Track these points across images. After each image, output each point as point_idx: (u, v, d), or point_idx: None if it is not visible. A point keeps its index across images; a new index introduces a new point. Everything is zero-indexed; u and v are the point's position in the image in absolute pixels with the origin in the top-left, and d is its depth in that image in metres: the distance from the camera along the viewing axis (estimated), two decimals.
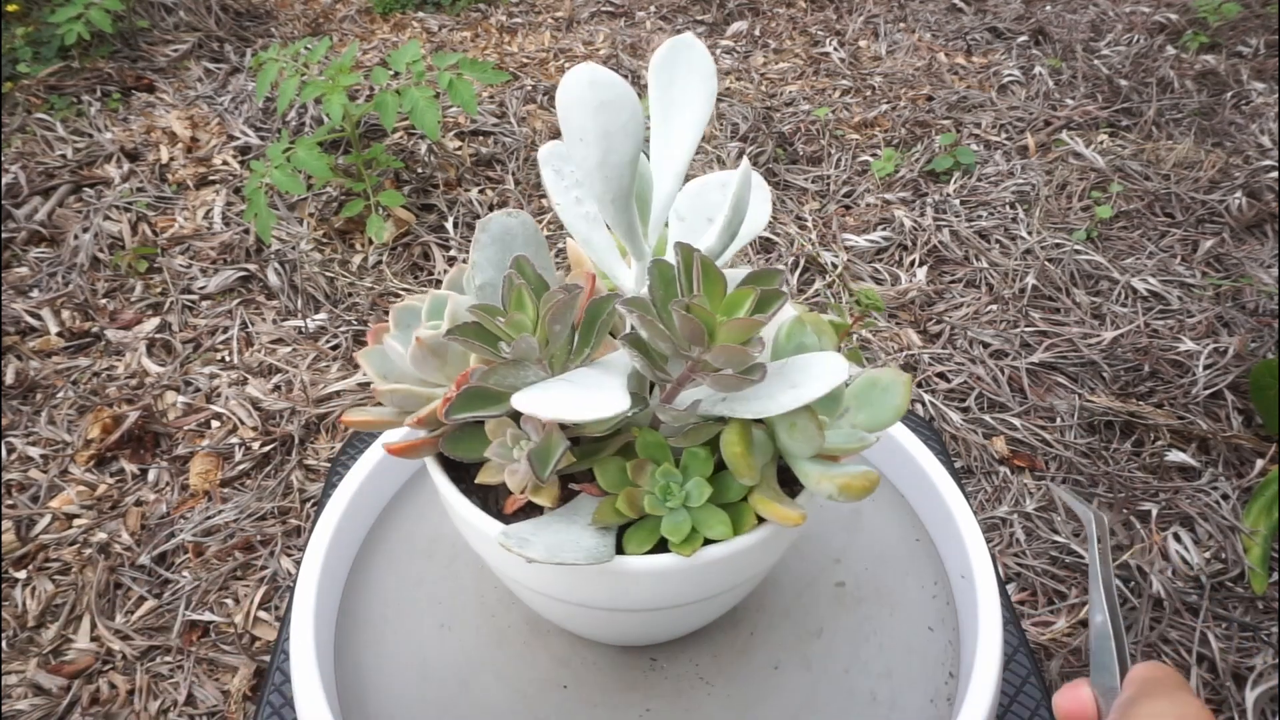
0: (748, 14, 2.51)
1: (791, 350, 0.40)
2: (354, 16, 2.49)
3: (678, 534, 0.39)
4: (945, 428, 1.33)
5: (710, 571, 0.41)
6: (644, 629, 0.49)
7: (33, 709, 1.01)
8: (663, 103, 0.39)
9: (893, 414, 0.40)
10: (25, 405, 1.36)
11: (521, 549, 0.37)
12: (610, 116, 0.35)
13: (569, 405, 0.34)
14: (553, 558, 0.37)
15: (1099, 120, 2.01)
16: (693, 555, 0.39)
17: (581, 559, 0.37)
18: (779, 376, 0.37)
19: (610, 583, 0.41)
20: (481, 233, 0.42)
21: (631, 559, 0.40)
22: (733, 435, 0.38)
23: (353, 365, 1.44)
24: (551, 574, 0.41)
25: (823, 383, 0.35)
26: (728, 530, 0.40)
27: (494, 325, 0.36)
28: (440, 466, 0.44)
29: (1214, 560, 1.17)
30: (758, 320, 0.34)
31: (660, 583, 0.41)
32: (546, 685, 0.50)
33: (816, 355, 0.37)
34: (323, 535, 0.54)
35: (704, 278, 0.34)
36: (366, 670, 0.51)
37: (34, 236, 1.65)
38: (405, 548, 0.58)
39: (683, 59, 0.39)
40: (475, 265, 0.42)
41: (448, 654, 0.52)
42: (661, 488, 0.40)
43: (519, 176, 1.84)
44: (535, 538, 0.38)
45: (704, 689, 0.50)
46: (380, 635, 0.53)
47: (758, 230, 0.45)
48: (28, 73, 2.03)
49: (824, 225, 1.73)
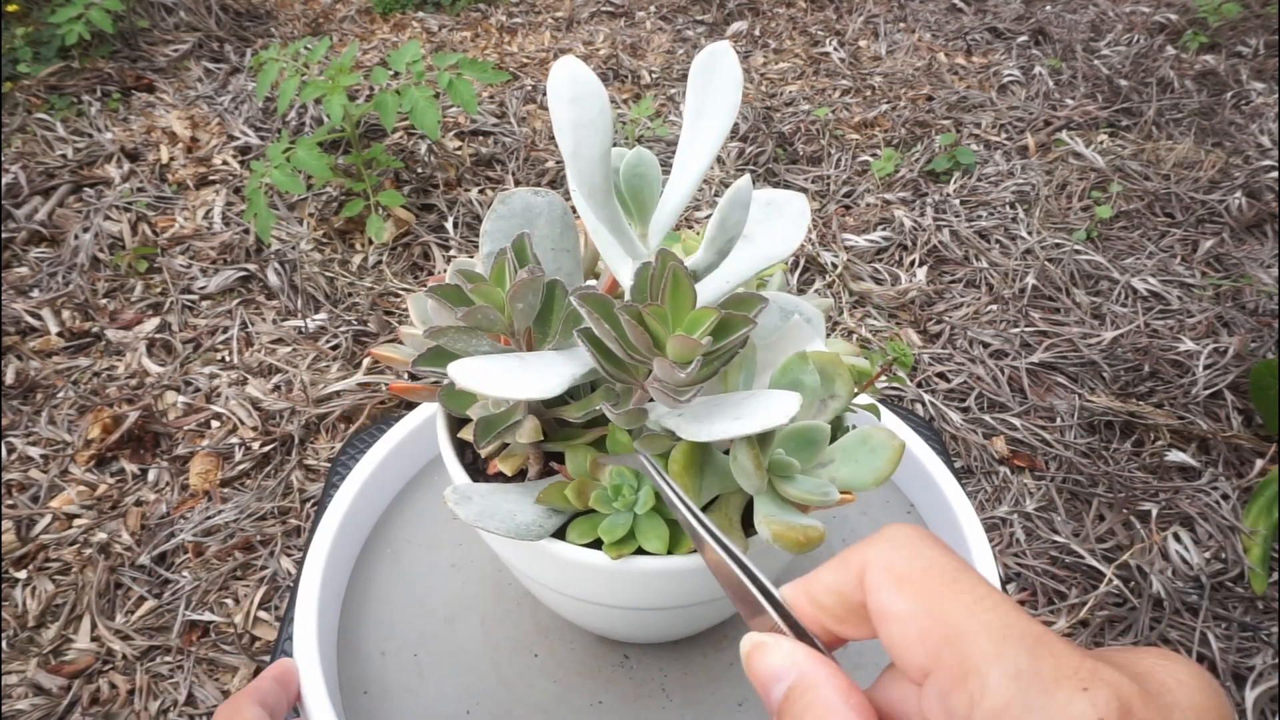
0: (748, 14, 2.51)
1: (785, 385, 0.39)
2: (354, 16, 2.49)
3: (611, 535, 0.39)
4: (945, 428, 1.33)
5: (639, 581, 0.40)
6: (589, 618, 0.48)
7: (33, 709, 1.01)
8: (696, 106, 0.39)
9: (874, 477, 0.38)
10: (25, 405, 1.36)
11: (456, 505, 0.38)
12: (580, 110, 0.35)
13: (487, 380, 0.34)
14: (478, 522, 0.37)
15: (1099, 120, 2.02)
16: (619, 560, 0.39)
17: (504, 531, 0.38)
18: (731, 405, 0.36)
19: (539, 562, 0.42)
20: (500, 204, 0.43)
21: (556, 544, 0.40)
22: (678, 452, 0.37)
23: (353, 365, 1.44)
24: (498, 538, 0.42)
25: (762, 419, 0.33)
26: (661, 546, 0.39)
27: (466, 290, 0.37)
28: (445, 423, 0.45)
29: (1214, 560, 1.17)
30: (700, 343, 0.33)
31: (584, 576, 0.41)
32: (520, 648, 0.52)
33: (776, 393, 0.36)
34: (325, 535, 0.54)
35: (672, 288, 0.34)
36: (368, 669, 0.51)
37: (34, 236, 1.65)
38: (408, 547, 0.58)
39: (719, 65, 0.39)
40: (486, 234, 0.43)
41: (451, 651, 0.52)
42: (613, 487, 0.40)
43: (519, 176, 1.83)
44: (479, 499, 0.39)
45: (661, 700, 0.50)
46: (382, 634, 0.53)
47: (785, 253, 0.43)
48: (28, 73, 2.03)
49: (824, 225, 1.73)
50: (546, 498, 0.41)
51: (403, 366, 0.46)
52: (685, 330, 0.34)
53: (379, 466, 0.58)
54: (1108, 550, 1.19)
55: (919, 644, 0.23)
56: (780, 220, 0.44)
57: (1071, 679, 0.21)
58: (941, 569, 0.24)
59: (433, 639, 0.53)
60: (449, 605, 0.54)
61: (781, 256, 0.43)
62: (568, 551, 0.40)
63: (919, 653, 0.23)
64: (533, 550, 0.40)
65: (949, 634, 0.22)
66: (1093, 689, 0.20)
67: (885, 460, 0.38)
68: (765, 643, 0.26)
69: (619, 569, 0.39)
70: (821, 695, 0.24)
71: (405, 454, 0.60)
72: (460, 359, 0.35)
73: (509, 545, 0.42)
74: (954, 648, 0.22)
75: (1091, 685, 0.20)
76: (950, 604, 0.22)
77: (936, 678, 0.22)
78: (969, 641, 0.22)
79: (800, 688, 0.24)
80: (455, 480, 0.43)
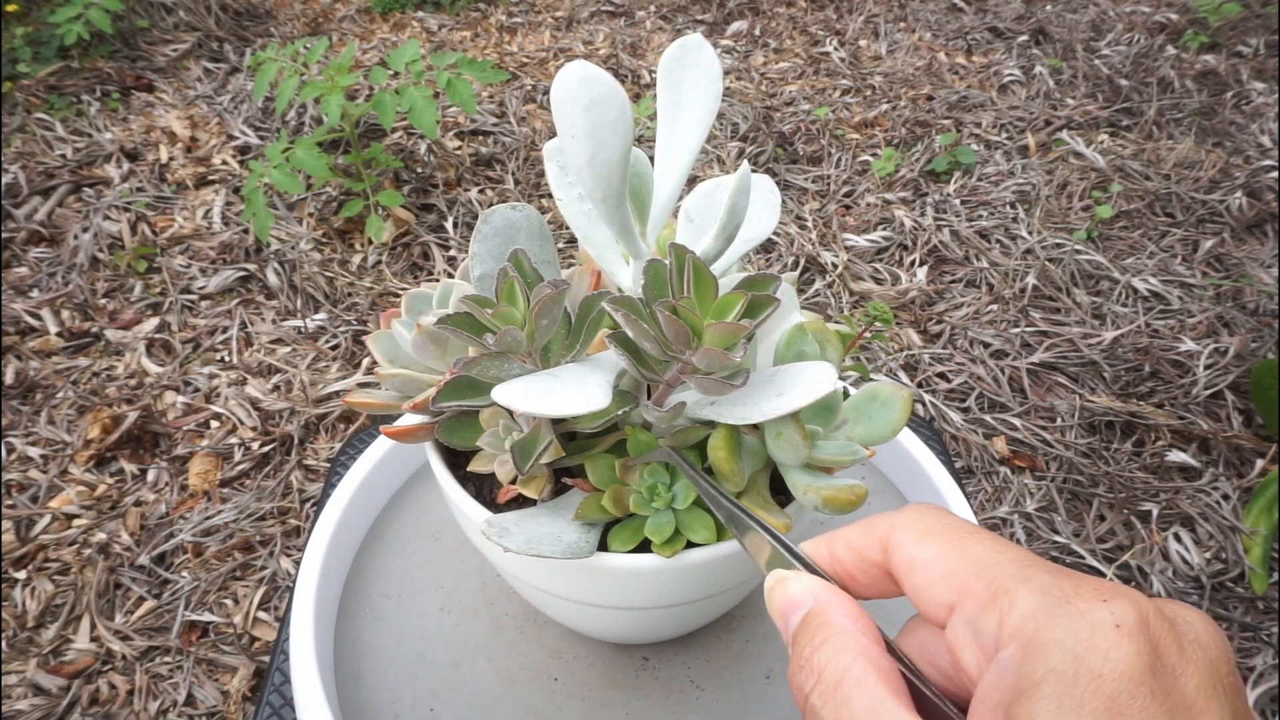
0: (748, 13, 2.51)
1: (791, 358, 0.40)
2: (353, 16, 2.49)
3: (660, 535, 0.39)
4: (946, 428, 1.33)
5: (692, 575, 0.40)
6: (632, 628, 0.48)
7: (33, 709, 1.01)
8: (670, 102, 0.39)
9: (890, 429, 0.39)
10: (25, 405, 1.36)
11: (501, 538, 0.37)
12: (599, 114, 0.35)
13: (546, 400, 0.34)
14: (531, 549, 0.37)
15: (1099, 120, 2.01)
16: (673, 557, 0.39)
17: (560, 553, 0.37)
18: (768, 384, 0.36)
19: (591, 579, 0.41)
20: (484, 224, 0.43)
21: (610, 556, 0.39)
22: (719, 440, 0.38)
23: (352, 365, 1.44)
24: (538, 567, 0.41)
25: (808, 392, 0.34)
26: (711, 535, 0.39)
27: (483, 316, 0.37)
28: (439, 454, 0.44)
29: (1214, 560, 1.17)
30: (743, 325, 0.33)
31: (639, 582, 0.41)
32: (537, 676, 0.51)
33: (807, 364, 0.37)
34: (322, 535, 0.54)
35: (695, 280, 0.34)
36: (366, 670, 0.51)
37: (34, 236, 1.65)
38: (405, 547, 0.58)
39: (691, 59, 0.38)
40: (474, 256, 0.43)
41: (448, 653, 0.52)
42: (648, 487, 0.40)
43: (518, 176, 1.83)
44: (517, 528, 0.38)
45: (694, 692, 0.50)
46: (380, 634, 0.53)
47: (763, 235, 0.44)
48: (28, 73, 2.03)
49: (824, 225, 1.73)
50: (585, 512, 0.40)
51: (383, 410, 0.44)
52: (716, 317, 0.34)
53: (376, 467, 0.58)
54: (1108, 550, 1.19)
55: (943, 582, 0.25)
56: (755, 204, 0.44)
57: (1091, 594, 0.23)
58: (961, 525, 0.26)
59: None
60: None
61: (760, 238, 0.44)
62: (622, 561, 0.39)
63: (943, 590, 0.25)
64: (579, 569, 0.40)
65: (976, 565, 0.24)
66: (1111, 601, 0.22)
67: (898, 411, 0.39)
68: (786, 576, 0.29)
69: (674, 566, 0.39)
70: (832, 618, 0.26)
71: (409, 448, 0.60)
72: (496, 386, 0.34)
73: (544, 570, 0.41)
74: (981, 575, 0.24)
75: (1110, 598, 0.22)
76: (974, 545, 0.25)
77: (964, 606, 0.24)
78: (996, 569, 0.24)
79: (813, 612, 0.27)
80: (472, 516, 0.41)
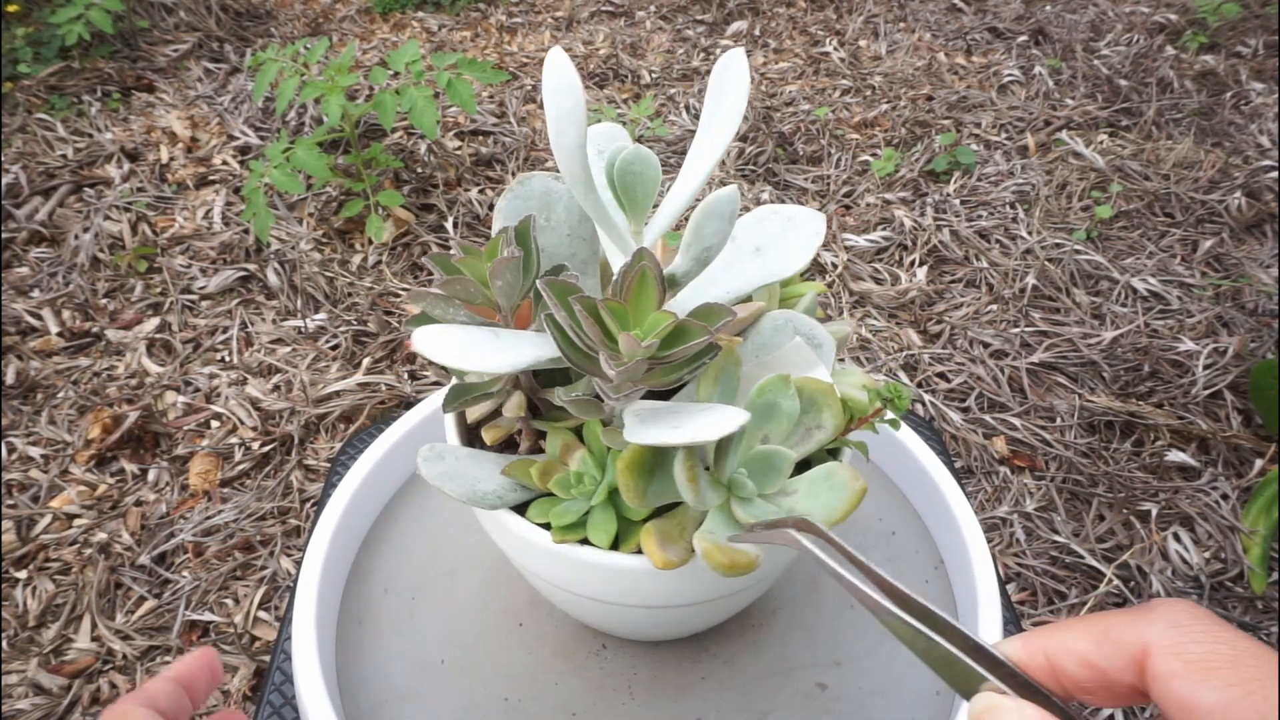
0: (748, 14, 2.51)
1: (760, 406, 0.38)
2: (354, 16, 2.49)
3: (559, 519, 0.40)
4: (945, 428, 1.33)
5: (576, 569, 0.41)
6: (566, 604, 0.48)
7: (33, 709, 1.01)
8: (712, 108, 0.40)
9: (827, 517, 0.37)
10: (25, 405, 1.36)
11: (424, 460, 0.39)
12: (559, 101, 0.36)
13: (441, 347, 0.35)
14: (436, 481, 0.39)
15: (1099, 120, 2.02)
16: (560, 544, 0.40)
17: (458, 494, 0.39)
18: (675, 414, 0.35)
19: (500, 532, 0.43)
20: (519, 184, 0.43)
21: (506, 514, 0.41)
22: (627, 452, 0.37)
23: (352, 365, 1.44)
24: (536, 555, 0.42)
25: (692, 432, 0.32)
26: (606, 540, 0.39)
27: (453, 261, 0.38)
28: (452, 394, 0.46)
29: (1214, 560, 1.17)
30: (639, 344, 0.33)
31: (526, 550, 0.42)
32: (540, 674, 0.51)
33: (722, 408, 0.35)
34: (323, 535, 0.54)
35: (636, 287, 0.34)
36: (367, 669, 0.51)
37: (34, 236, 1.65)
38: (406, 546, 0.58)
39: (734, 70, 0.40)
40: (499, 211, 0.43)
41: (450, 651, 0.52)
42: (576, 473, 0.40)
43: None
44: (449, 460, 0.40)
45: (623, 695, 0.50)
46: (381, 634, 0.53)
47: (788, 271, 0.43)
48: (28, 73, 2.03)
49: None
50: (512, 471, 0.41)
51: None
52: (640, 331, 0.34)
53: (377, 466, 0.58)
54: (1108, 550, 1.19)
55: None
56: (796, 239, 0.44)
57: None
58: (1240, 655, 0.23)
59: (432, 586, 0.55)
60: (456, 558, 0.57)
61: (784, 274, 0.43)
62: (514, 523, 0.41)
63: None
64: (491, 518, 0.42)
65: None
66: None
67: (843, 501, 0.37)
68: (1000, 705, 0.25)
69: (558, 552, 0.40)
70: None
71: (409, 447, 0.60)
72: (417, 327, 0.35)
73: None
74: None
75: None
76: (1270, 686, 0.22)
77: None
78: None
79: None
80: (449, 440, 0.44)
